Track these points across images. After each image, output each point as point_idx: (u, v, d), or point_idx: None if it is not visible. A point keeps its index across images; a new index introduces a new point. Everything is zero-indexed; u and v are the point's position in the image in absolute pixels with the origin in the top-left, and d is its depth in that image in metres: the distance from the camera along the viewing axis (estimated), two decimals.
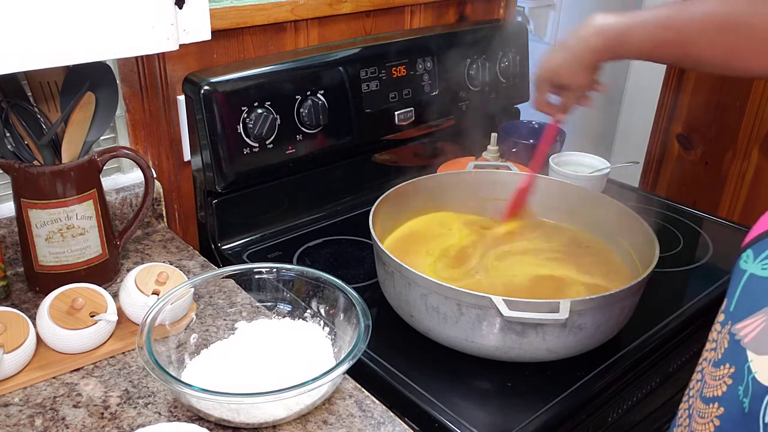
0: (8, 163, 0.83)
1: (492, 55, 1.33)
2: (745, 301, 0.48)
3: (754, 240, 0.49)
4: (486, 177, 1.09)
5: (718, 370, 0.48)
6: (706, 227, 1.20)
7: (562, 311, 0.74)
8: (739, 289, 0.49)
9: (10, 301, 0.88)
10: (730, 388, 0.46)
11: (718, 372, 0.48)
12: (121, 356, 0.79)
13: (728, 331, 0.48)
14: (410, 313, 0.84)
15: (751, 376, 0.44)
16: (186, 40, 0.68)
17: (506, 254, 0.97)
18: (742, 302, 0.48)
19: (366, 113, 1.16)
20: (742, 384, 0.45)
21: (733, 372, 0.46)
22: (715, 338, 0.51)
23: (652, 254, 0.85)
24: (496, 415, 0.77)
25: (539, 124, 1.36)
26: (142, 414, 0.71)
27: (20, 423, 0.69)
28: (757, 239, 0.48)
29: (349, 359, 0.68)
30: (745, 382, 0.44)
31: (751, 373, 0.44)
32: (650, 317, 0.92)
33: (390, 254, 0.83)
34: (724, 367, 0.48)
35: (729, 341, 0.48)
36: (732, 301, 0.49)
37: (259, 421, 0.68)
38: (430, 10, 1.31)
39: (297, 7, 1.09)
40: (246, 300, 0.86)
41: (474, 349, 0.81)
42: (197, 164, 1.06)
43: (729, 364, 0.47)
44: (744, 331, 0.46)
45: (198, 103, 0.99)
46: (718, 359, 0.49)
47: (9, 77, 0.82)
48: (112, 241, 0.92)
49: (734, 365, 0.46)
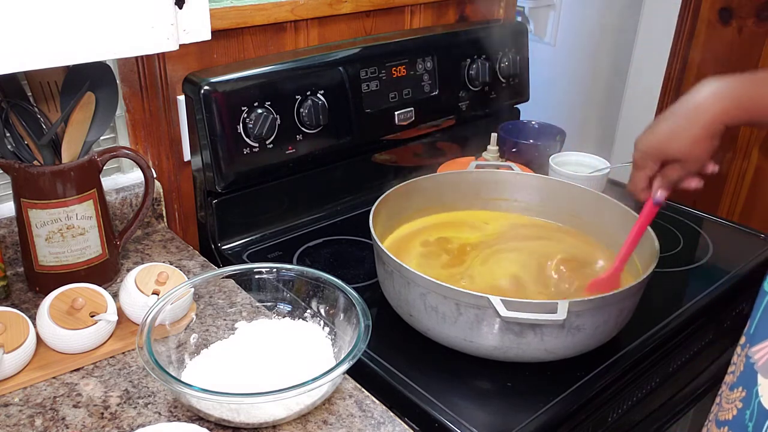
0: (8, 163, 0.83)
1: (492, 55, 1.33)
2: (765, 324, 0.47)
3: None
4: (486, 177, 1.09)
5: (732, 394, 0.48)
6: (706, 227, 1.21)
7: (560, 312, 0.74)
8: (760, 311, 0.48)
9: (10, 301, 0.88)
10: (740, 412, 0.46)
11: (732, 395, 0.48)
12: (121, 356, 0.79)
13: (746, 354, 0.48)
14: (409, 312, 0.84)
15: (757, 400, 0.43)
16: (186, 40, 0.68)
17: (506, 254, 0.97)
18: (762, 325, 0.47)
19: (366, 113, 1.16)
20: (750, 408, 0.44)
21: (744, 396, 0.46)
22: (735, 361, 0.50)
23: (652, 254, 0.85)
24: (496, 415, 0.77)
25: (539, 124, 1.36)
26: (142, 414, 0.71)
27: (20, 423, 0.69)
28: None
29: (349, 359, 0.68)
30: (751, 407, 0.44)
31: (757, 397, 0.43)
32: (650, 317, 0.92)
33: (390, 254, 0.83)
34: (737, 390, 0.47)
35: (744, 364, 0.47)
36: (753, 323, 0.48)
37: (259, 421, 0.68)
38: (430, 10, 1.31)
39: (297, 7, 1.09)
40: (246, 300, 0.86)
41: (473, 349, 0.81)
42: (197, 164, 1.06)
43: (742, 387, 0.46)
44: (758, 355, 0.45)
45: (198, 103, 0.99)
46: (734, 382, 0.48)
47: (9, 77, 0.82)
48: (112, 241, 0.92)
49: (746, 389, 0.46)
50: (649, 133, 0.75)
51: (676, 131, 0.71)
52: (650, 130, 0.75)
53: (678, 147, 0.72)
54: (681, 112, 0.71)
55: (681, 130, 0.71)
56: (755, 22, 1.58)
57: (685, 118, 0.70)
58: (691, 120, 0.70)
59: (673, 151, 0.73)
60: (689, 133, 0.70)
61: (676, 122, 0.71)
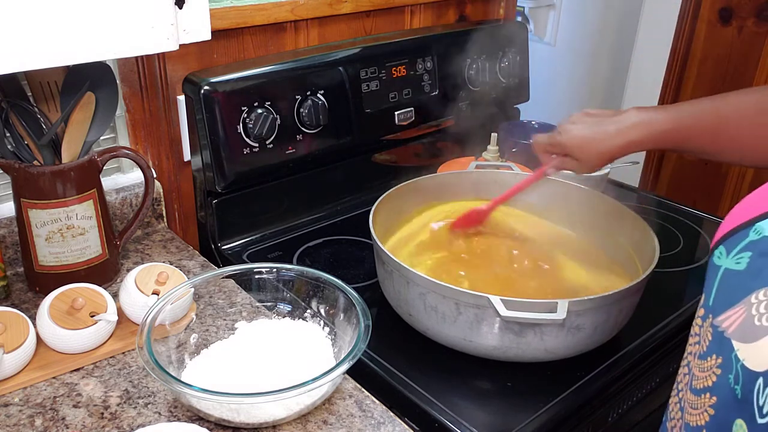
0: (8, 163, 0.83)
1: (492, 55, 1.33)
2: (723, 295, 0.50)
3: (725, 236, 0.51)
4: (486, 177, 1.09)
5: (705, 362, 0.50)
6: (706, 227, 1.20)
7: (560, 311, 0.74)
8: (716, 284, 0.51)
9: (10, 301, 0.88)
10: (720, 378, 0.48)
11: (706, 363, 0.50)
12: (121, 356, 0.79)
13: (710, 325, 0.50)
14: (409, 312, 0.84)
15: (739, 364, 0.46)
16: (186, 40, 0.68)
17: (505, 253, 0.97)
18: (720, 296, 0.50)
19: (366, 113, 1.16)
20: (732, 372, 0.46)
21: (720, 362, 0.48)
22: (698, 332, 0.53)
23: (652, 254, 0.85)
24: (496, 415, 0.77)
25: (539, 124, 1.36)
26: (142, 414, 0.71)
27: (20, 423, 0.69)
28: (728, 235, 0.51)
29: (349, 359, 0.68)
30: (734, 370, 0.46)
31: (739, 361, 0.46)
32: (650, 317, 0.92)
33: (389, 254, 0.83)
34: (711, 358, 0.50)
35: (712, 333, 0.50)
36: (710, 296, 0.52)
37: (259, 421, 0.68)
38: (430, 10, 1.31)
39: (297, 7, 1.09)
40: (246, 300, 0.86)
41: (472, 349, 0.81)
42: (197, 164, 1.06)
43: (716, 355, 0.49)
44: (726, 323, 0.48)
45: (198, 103, 0.99)
46: (704, 351, 0.51)
47: (9, 77, 0.82)
48: (112, 241, 0.92)
49: (721, 356, 0.48)
50: (574, 128, 0.83)
51: (589, 142, 0.81)
52: (577, 125, 0.83)
53: (581, 153, 0.83)
54: (603, 127, 0.80)
55: (592, 142, 0.81)
56: (755, 22, 1.58)
57: (604, 134, 0.80)
58: (605, 140, 0.80)
59: (576, 154, 0.83)
60: (597, 148, 0.81)
61: (595, 133, 0.81)
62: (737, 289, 0.48)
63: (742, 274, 0.48)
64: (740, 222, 0.50)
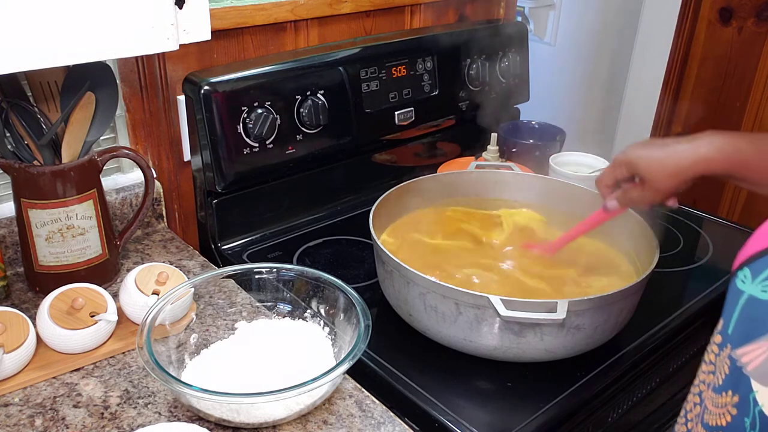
0: (8, 163, 0.83)
1: (492, 55, 1.33)
2: (744, 325, 0.45)
3: (751, 258, 0.46)
4: (486, 177, 1.09)
5: (721, 397, 0.46)
6: (706, 227, 1.20)
7: (560, 311, 0.74)
8: (737, 310, 0.46)
9: (10, 301, 0.88)
10: (735, 419, 0.44)
11: (721, 399, 0.46)
12: (121, 356, 0.79)
13: (727, 356, 0.46)
14: (409, 312, 0.84)
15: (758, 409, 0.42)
16: (186, 40, 0.68)
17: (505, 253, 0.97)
18: (741, 326, 0.46)
19: (366, 113, 1.16)
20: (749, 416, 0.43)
21: (737, 402, 0.44)
22: (713, 360, 0.49)
23: (652, 254, 0.85)
24: (496, 415, 0.77)
25: (539, 124, 1.36)
26: (142, 414, 0.71)
27: (20, 423, 0.69)
28: (755, 257, 0.46)
29: (349, 359, 0.68)
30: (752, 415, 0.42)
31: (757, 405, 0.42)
32: (650, 317, 0.92)
33: (389, 253, 0.83)
34: (726, 394, 0.45)
35: (730, 367, 0.46)
36: (729, 323, 0.47)
37: (259, 421, 0.68)
38: (430, 10, 1.31)
39: (297, 7, 1.09)
40: (246, 300, 0.86)
41: (472, 349, 0.81)
42: (197, 164, 1.06)
43: (732, 391, 0.45)
44: (746, 358, 0.44)
45: (198, 103, 0.99)
46: (719, 385, 0.47)
47: (9, 77, 0.82)
48: (112, 241, 0.92)
49: (737, 393, 0.44)
50: (641, 146, 0.79)
51: (658, 158, 0.77)
52: (642, 146, 0.80)
53: (650, 170, 0.77)
54: (673, 146, 0.76)
55: (662, 158, 0.77)
56: (755, 22, 1.58)
57: (673, 151, 0.76)
58: (675, 155, 0.76)
59: (643, 171, 0.78)
60: (666, 164, 0.76)
61: (664, 151, 0.77)
62: (763, 322, 0.43)
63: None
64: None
